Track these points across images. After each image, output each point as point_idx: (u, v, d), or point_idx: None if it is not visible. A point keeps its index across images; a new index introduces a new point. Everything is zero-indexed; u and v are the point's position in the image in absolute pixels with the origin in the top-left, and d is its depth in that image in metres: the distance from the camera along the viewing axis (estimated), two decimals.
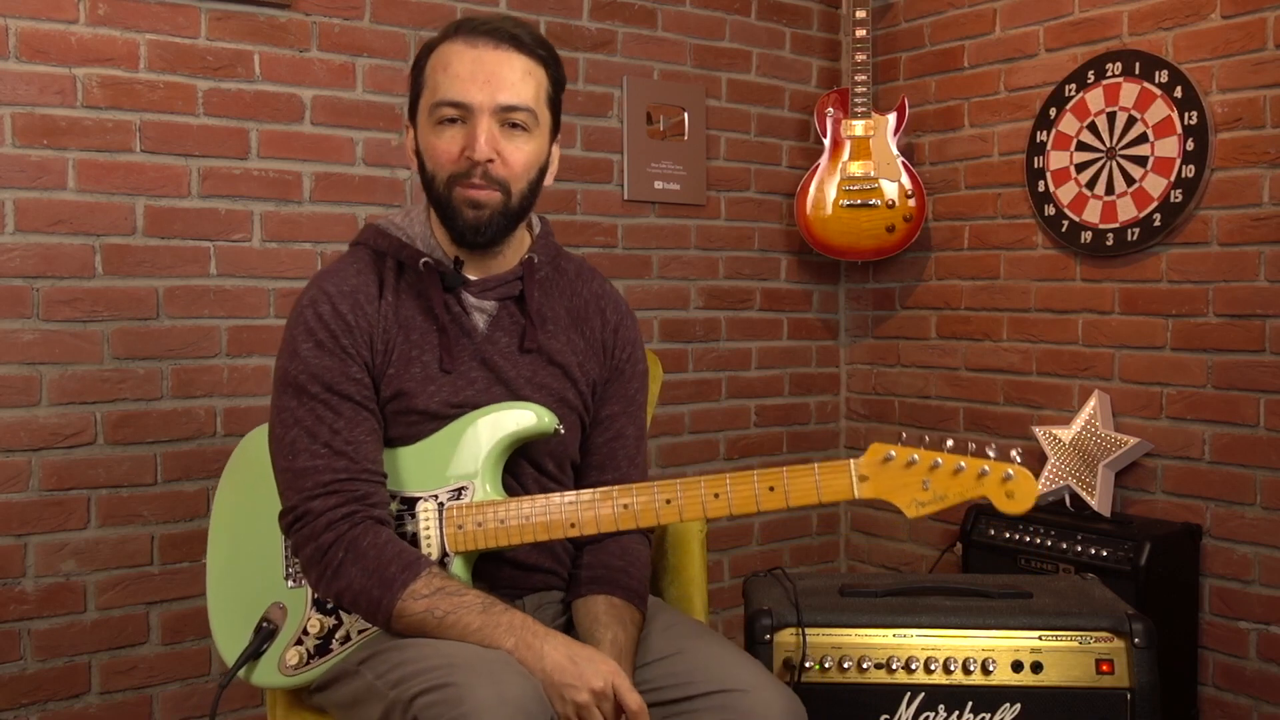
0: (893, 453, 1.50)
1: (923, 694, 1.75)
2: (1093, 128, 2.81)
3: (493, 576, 1.54)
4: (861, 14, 3.10)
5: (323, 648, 1.52)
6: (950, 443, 1.52)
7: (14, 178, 2.20)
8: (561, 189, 2.90)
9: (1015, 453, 1.52)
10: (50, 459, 2.26)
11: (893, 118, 3.10)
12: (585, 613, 1.52)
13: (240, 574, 1.62)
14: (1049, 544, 2.63)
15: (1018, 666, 1.75)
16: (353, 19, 2.56)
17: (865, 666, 1.77)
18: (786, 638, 1.78)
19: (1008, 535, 2.71)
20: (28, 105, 2.21)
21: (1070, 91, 2.85)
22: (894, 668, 1.76)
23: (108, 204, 2.30)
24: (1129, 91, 2.73)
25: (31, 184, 2.22)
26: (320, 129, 2.54)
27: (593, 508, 1.51)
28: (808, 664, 1.76)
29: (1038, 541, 2.65)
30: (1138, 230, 2.72)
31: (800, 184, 3.19)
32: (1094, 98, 2.80)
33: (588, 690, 1.34)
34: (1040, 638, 1.76)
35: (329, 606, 1.53)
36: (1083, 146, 2.83)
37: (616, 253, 3.01)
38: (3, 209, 2.20)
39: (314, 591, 1.51)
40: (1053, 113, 2.89)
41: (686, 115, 3.12)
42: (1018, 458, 1.52)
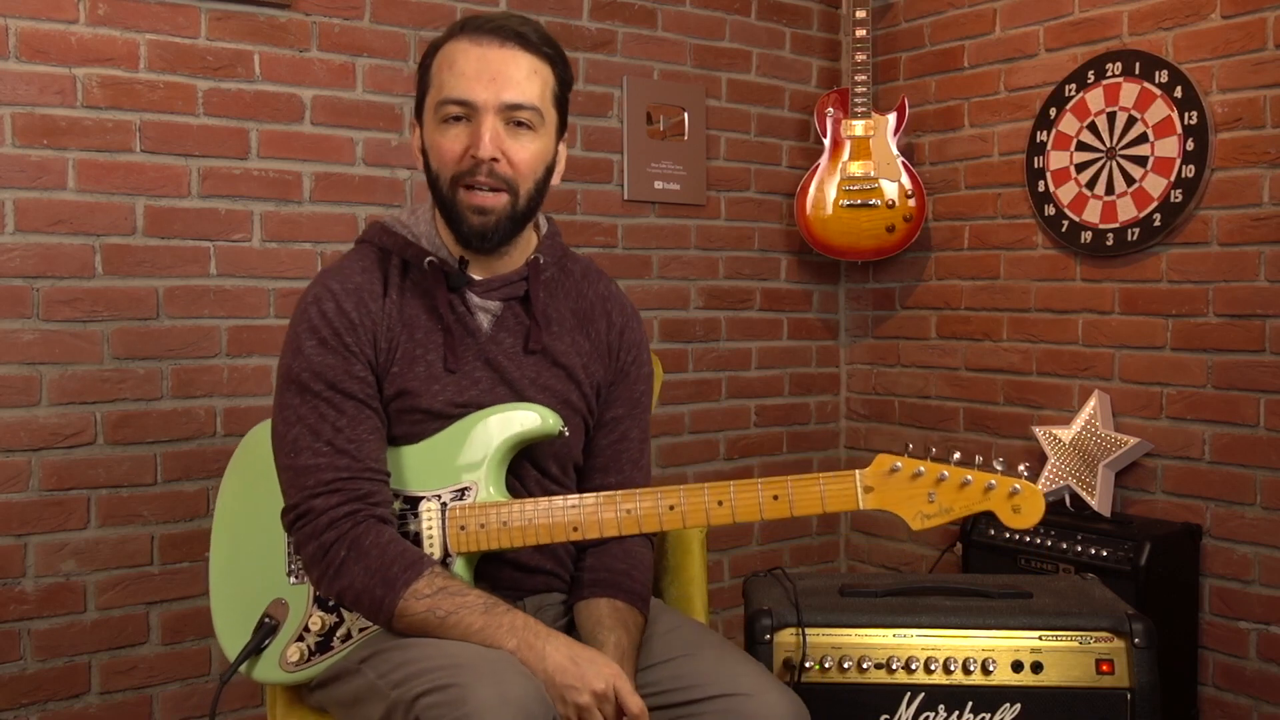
0: (899, 464, 1.49)
1: (923, 694, 1.75)
2: (1093, 128, 2.81)
3: (494, 577, 1.54)
4: (861, 14, 3.10)
5: (324, 645, 1.52)
6: (957, 455, 1.50)
7: (14, 178, 2.20)
8: (561, 189, 2.90)
9: (1023, 467, 1.51)
10: (50, 459, 2.26)
11: (893, 118, 3.10)
12: (588, 615, 1.52)
13: (242, 570, 1.62)
14: (1049, 544, 2.63)
15: (1018, 666, 1.75)
16: (353, 19, 2.56)
17: (865, 666, 1.76)
18: (786, 638, 1.78)
19: (1008, 535, 2.71)
20: (28, 105, 2.21)
21: (1070, 91, 2.85)
22: (894, 668, 1.76)
23: (108, 204, 2.30)
24: (1129, 91, 2.73)
25: (31, 184, 2.22)
26: (320, 129, 2.54)
27: (596, 512, 1.50)
28: (808, 664, 1.76)
29: (1038, 541, 2.65)
30: (1138, 230, 2.72)
31: (800, 184, 3.19)
32: (1094, 98, 2.80)
33: (589, 692, 1.34)
34: (1040, 638, 1.76)
35: (330, 604, 1.52)
36: (1083, 146, 2.83)
37: (616, 253, 3.01)
38: (3, 209, 2.20)
39: (316, 590, 1.51)
40: (1053, 113, 2.89)
41: (686, 115, 3.12)
42: (1025, 472, 1.50)
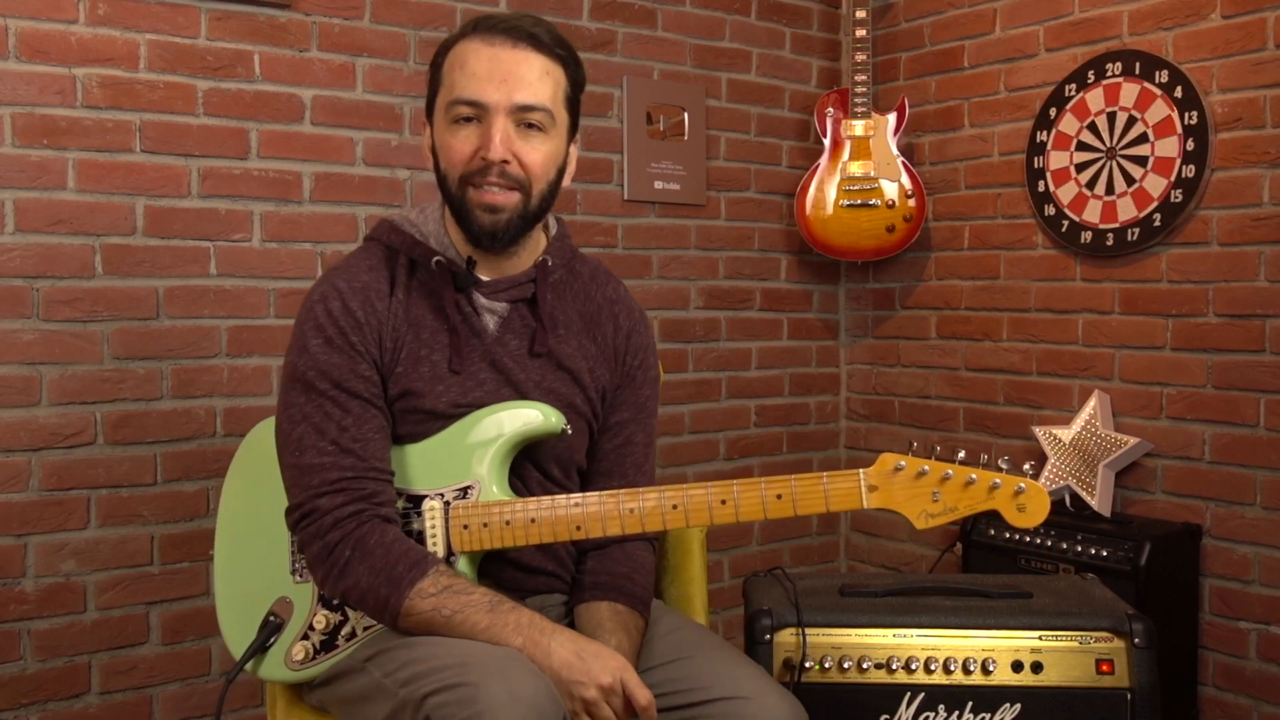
0: (903, 463, 1.48)
1: (923, 694, 1.75)
2: (1093, 128, 2.81)
3: (495, 577, 1.54)
4: (861, 14, 3.10)
5: (329, 643, 1.52)
6: (962, 454, 1.50)
7: (14, 178, 2.20)
8: (562, 189, 2.89)
9: (1028, 466, 1.51)
10: (50, 459, 2.26)
11: (893, 118, 3.10)
12: (589, 618, 1.52)
13: (246, 568, 1.62)
14: (1049, 544, 2.63)
15: (1018, 666, 1.75)
16: (353, 19, 2.56)
17: (865, 666, 1.76)
18: (786, 638, 1.78)
19: (1008, 535, 2.71)
20: (28, 105, 2.21)
21: (1070, 91, 2.85)
22: (894, 668, 1.76)
23: (108, 204, 2.30)
24: (1129, 91, 2.73)
25: (31, 184, 2.22)
26: (320, 129, 2.54)
27: (599, 511, 1.50)
28: (808, 664, 1.76)
29: (1038, 541, 2.65)
30: (1138, 230, 2.72)
31: (800, 184, 3.19)
32: (1094, 98, 2.80)
33: (595, 686, 1.34)
34: (1040, 638, 1.75)
35: (335, 602, 1.52)
36: (1083, 146, 2.83)
37: (616, 253, 3.01)
38: (3, 209, 2.20)
39: (320, 590, 1.51)
40: (1053, 113, 2.89)
41: (686, 115, 3.12)
42: (1030, 471, 1.50)
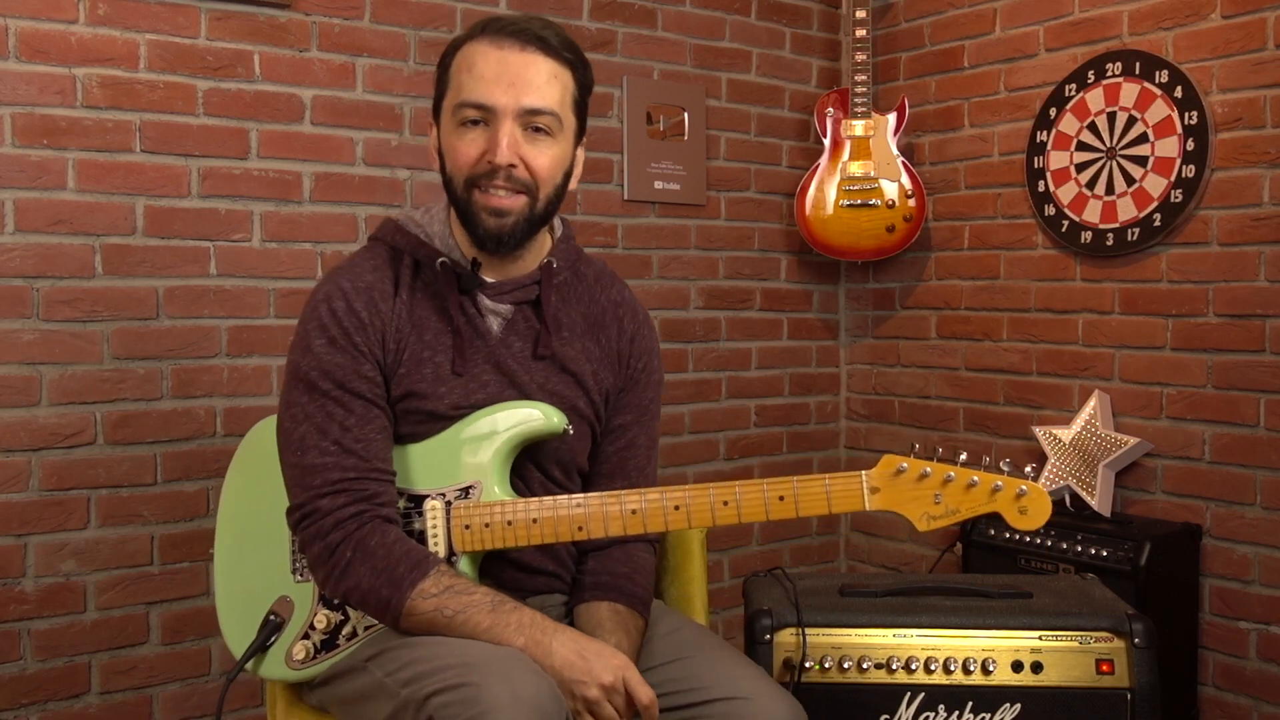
0: (905, 465, 1.49)
1: (923, 694, 1.75)
2: (1093, 128, 2.81)
3: (496, 577, 1.54)
4: (861, 14, 3.10)
5: (329, 643, 1.52)
6: (964, 456, 1.50)
7: (14, 178, 2.20)
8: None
9: (1030, 468, 1.51)
10: (50, 459, 2.26)
11: (893, 118, 3.10)
12: (589, 618, 1.52)
13: (247, 567, 1.62)
14: (1049, 544, 2.63)
15: (1018, 666, 1.75)
16: (353, 19, 2.56)
17: (865, 666, 1.76)
18: (786, 638, 1.78)
19: (1008, 535, 2.71)
20: (28, 105, 2.21)
21: (1070, 91, 2.85)
22: (894, 668, 1.76)
23: (108, 204, 2.30)
24: (1129, 91, 2.73)
25: (31, 184, 2.22)
26: (320, 129, 2.54)
27: (601, 511, 1.50)
28: (808, 664, 1.76)
29: (1038, 541, 2.65)
30: (1138, 230, 2.72)
31: (800, 184, 3.19)
32: (1094, 98, 2.80)
33: (597, 685, 1.35)
34: (1040, 638, 1.76)
35: (336, 602, 1.52)
36: (1083, 146, 2.83)
37: (616, 253, 3.01)
38: (3, 209, 2.20)
39: (321, 590, 1.51)
40: (1053, 113, 2.89)
41: (686, 115, 3.12)
42: (1032, 473, 1.51)
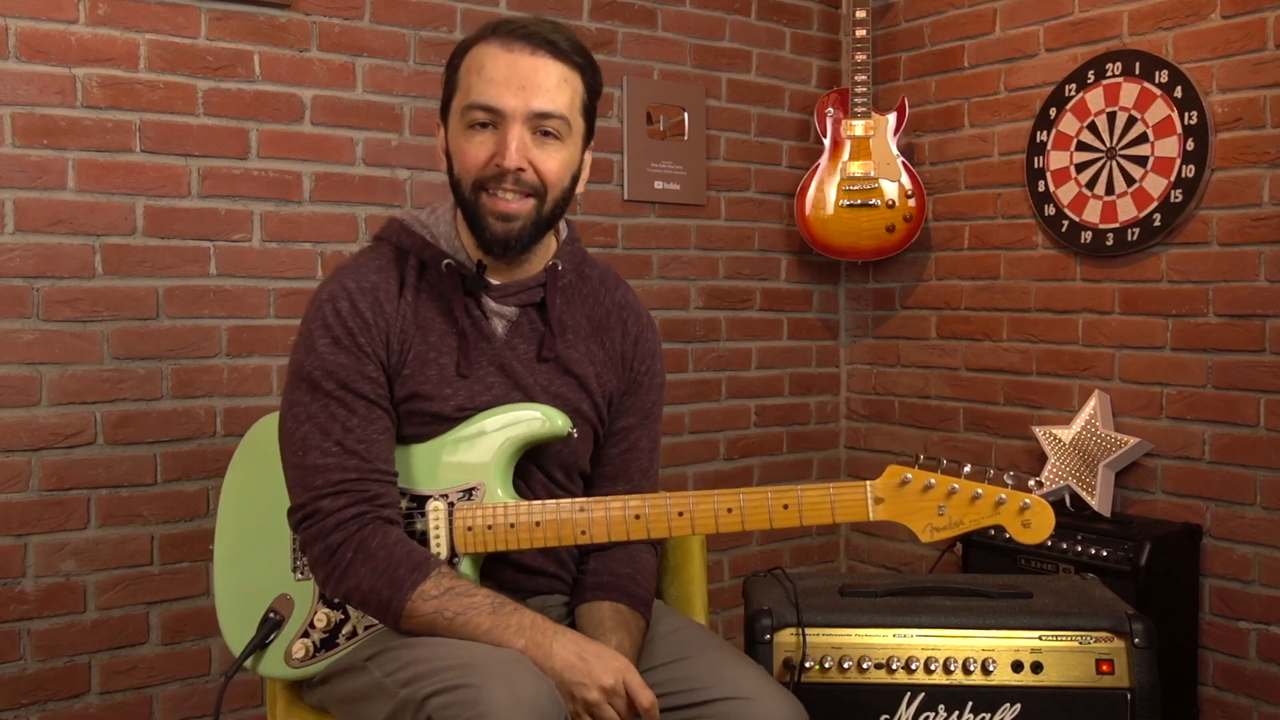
0: (909, 476, 1.49)
1: (923, 694, 1.75)
2: (1093, 128, 2.81)
3: (496, 579, 1.54)
4: (861, 14, 3.10)
5: (329, 642, 1.52)
6: (968, 468, 1.50)
7: (14, 178, 2.20)
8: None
9: (1034, 482, 1.51)
10: (50, 459, 2.26)
11: (893, 118, 3.10)
12: (590, 618, 1.52)
13: (247, 565, 1.62)
14: (1049, 544, 2.62)
15: (1018, 666, 1.75)
16: (353, 19, 2.56)
17: (865, 666, 1.76)
18: (786, 638, 1.78)
19: (1007, 535, 2.70)
20: (28, 105, 2.21)
21: (1070, 91, 2.85)
22: (894, 668, 1.76)
23: (108, 204, 2.30)
24: (1129, 91, 2.73)
25: (31, 184, 2.22)
26: (320, 129, 2.54)
27: (604, 515, 1.50)
28: (808, 664, 1.76)
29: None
30: (1138, 230, 2.72)
31: (800, 184, 3.19)
32: (1094, 98, 2.80)
33: (598, 688, 1.34)
34: (1040, 638, 1.76)
35: (336, 601, 1.52)
36: (1083, 146, 2.83)
37: (616, 253, 3.01)
38: (3, 209, 2.20)
39: (322, 591, 1.51)
40: (1053, 113, 2.89)
41: (686, 115, 3.12)
42: (1036, 487, 1.51)
